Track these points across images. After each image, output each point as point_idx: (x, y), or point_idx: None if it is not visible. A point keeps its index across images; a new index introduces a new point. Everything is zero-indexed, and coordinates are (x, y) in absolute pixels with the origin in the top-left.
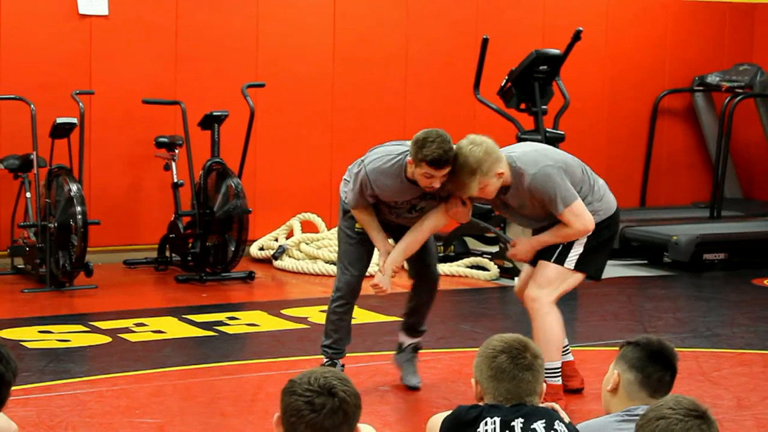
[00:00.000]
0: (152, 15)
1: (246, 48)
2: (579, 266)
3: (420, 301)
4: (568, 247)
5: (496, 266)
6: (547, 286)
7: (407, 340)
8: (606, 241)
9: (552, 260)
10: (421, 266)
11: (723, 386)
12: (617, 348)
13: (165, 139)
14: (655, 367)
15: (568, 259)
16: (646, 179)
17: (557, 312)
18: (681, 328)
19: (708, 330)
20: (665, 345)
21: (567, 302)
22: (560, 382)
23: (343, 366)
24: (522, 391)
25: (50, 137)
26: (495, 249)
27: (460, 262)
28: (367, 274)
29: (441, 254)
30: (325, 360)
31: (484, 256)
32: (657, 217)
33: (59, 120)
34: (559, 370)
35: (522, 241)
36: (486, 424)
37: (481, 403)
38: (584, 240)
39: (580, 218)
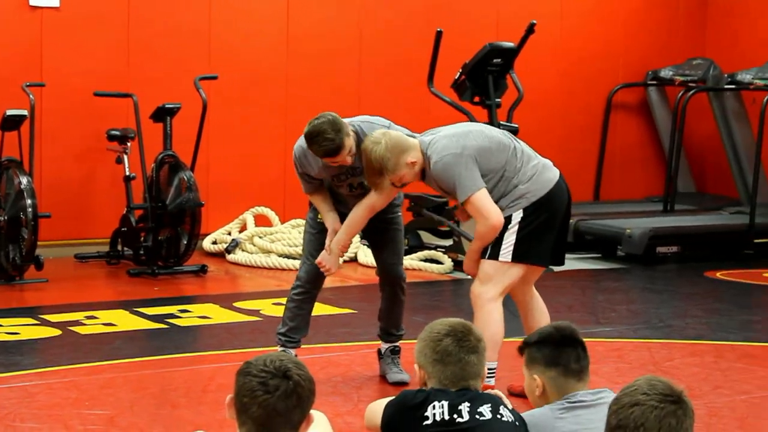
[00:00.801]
0: (104, 7)
1: (198, 40)
2: (517, 257)
3: (386, 302)
4: (499, 239)
5: (449, 259)
6: (486, 282)
7: (383, 346)
8: (543, 223)
9: (487, 256)
10: (382, 264)
11: (675, 376)
12: (517, 350)
13: (117, 132)
14: (567, 352)
15: (502, 252)
16: (599, 173)
17: (499, 310)
18: (634, 319)
19: (660, 321)
20: (562, 327)
21: None
22: (493, 384)
23: (296, 357)
24: (467, 373)
25: (0, 129)
26: (449, 242)
27: (414, 255)
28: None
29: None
30: (279, 348)
31: (438, 249)
32: (610, 210)
33: (9, 112)
34: (495, 370)
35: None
36: (434, 407)
37: (426, 388)
38: (516, 228)
39: (482, 210)
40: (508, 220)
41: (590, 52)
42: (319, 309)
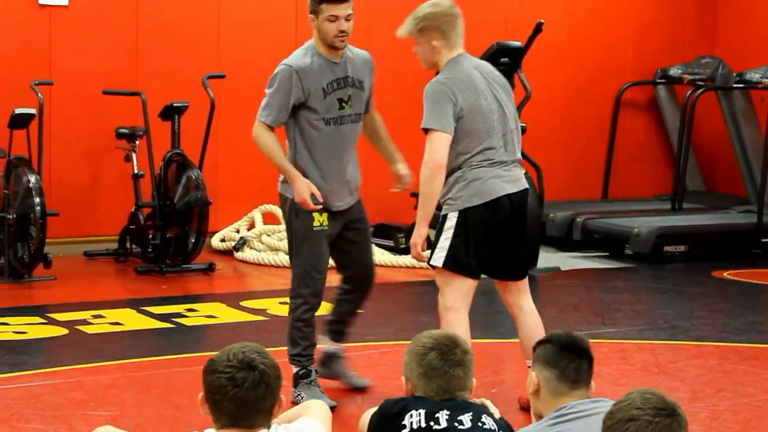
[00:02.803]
0: (112, 5)
1: (207, 39)
2: (447, 265)
3: (355, 303)
4: (435, 241)
5: None
6: (441, 292)
7: (335, 346)
8: (476, 235)
9: (428, 261)
10: (359, 264)
11: (678, 378)
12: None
13: (125, 130)
14: (569, 358)
15: (434, 256)
16: (608, 171)
17: (459, 319)
18: (639, 320)
19: (665, 322)
20: (574, 335)
21: None
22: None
23: (316, 371)
24: (452, 386)
25: (9, 128)
26: None
27: None
28: None
29: (402, 246)
30: (298, 369)
31: None
32: (618, 209)
33: (18, 110)
34: None
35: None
36: (411, 416)
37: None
38: (450, 232)
39: (430, 148)
40: (444, 219)
41: (598, 50)
42: (321, 309)
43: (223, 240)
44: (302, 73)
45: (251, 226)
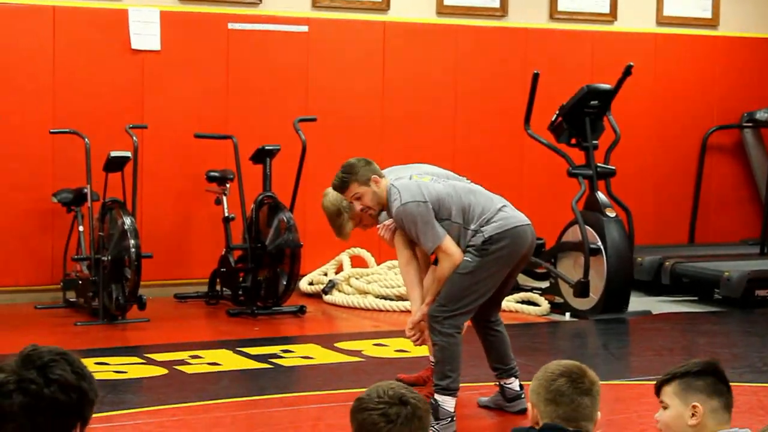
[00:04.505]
0: (203, 50)
1: (297, 82)
2: None
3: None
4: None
5: (546, 301)
6: None
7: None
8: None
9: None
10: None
11: None
12: (654, 382)
13: (216, 173)
14: (726, 387)
15: None
16: (695, 215)
17: None
18: (737, 362)
19: (765, 365)
20: (714, 362)
21: (620, 337)
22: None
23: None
24: (579, 415)
25: (104, 171)
26: (545, 284)
27: (510, 297)
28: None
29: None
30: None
31: (535, 291)
32: (706, 253)
33: (113, 153)
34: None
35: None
36: None
37: (537, 426)
38: None
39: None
40: None
41: (685, 94)
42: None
43: (311, 283)
44: None
45: (339, 269)
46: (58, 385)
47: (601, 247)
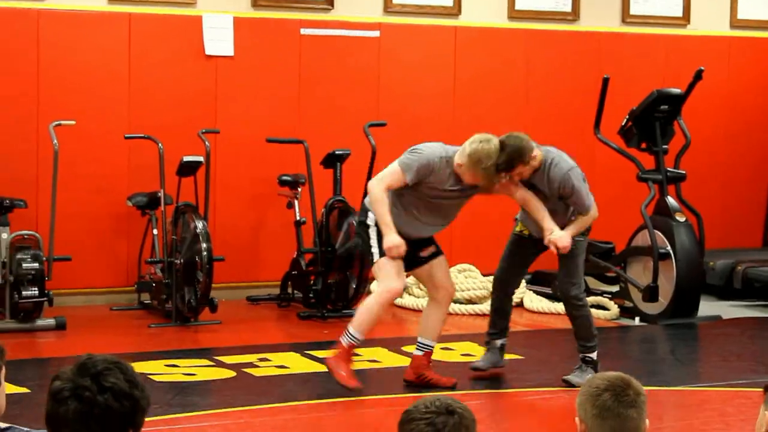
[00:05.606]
0: (276, 55)
1: (368, 87)
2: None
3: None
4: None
5: (616, 306)
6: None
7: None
8: None
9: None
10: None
11: None
12: (762, 389)
13: (288, 178)
14: None
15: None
16: (767, 219)
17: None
18: None
19: None
20: None
21: (688, 342)
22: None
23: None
24: (626, 428)
25: (177, 175)
26: (615, 288)
27: None
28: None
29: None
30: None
31: (605, 295)
32: None
33: (186, 158)
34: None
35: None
36: None
37: None
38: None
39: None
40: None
41: (756, 96)
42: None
43: None
44: None
45: (409, 273)
46: (112, 393)
47: (671, 252)
